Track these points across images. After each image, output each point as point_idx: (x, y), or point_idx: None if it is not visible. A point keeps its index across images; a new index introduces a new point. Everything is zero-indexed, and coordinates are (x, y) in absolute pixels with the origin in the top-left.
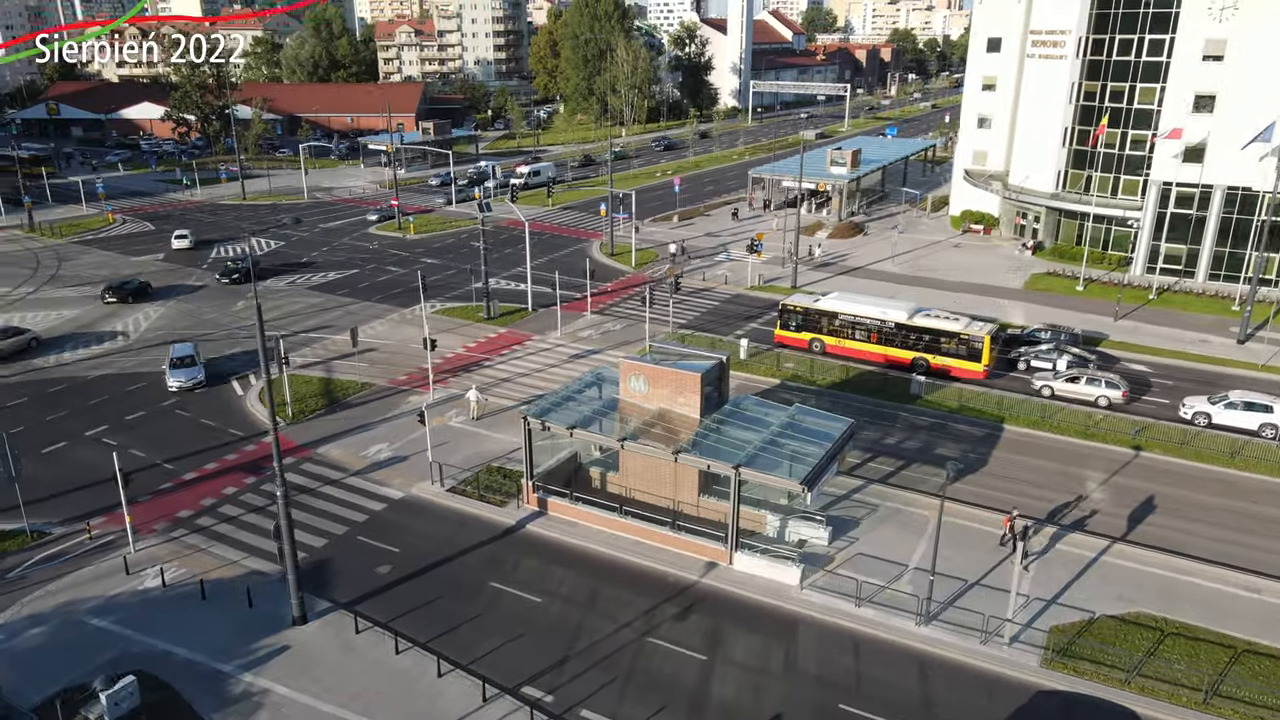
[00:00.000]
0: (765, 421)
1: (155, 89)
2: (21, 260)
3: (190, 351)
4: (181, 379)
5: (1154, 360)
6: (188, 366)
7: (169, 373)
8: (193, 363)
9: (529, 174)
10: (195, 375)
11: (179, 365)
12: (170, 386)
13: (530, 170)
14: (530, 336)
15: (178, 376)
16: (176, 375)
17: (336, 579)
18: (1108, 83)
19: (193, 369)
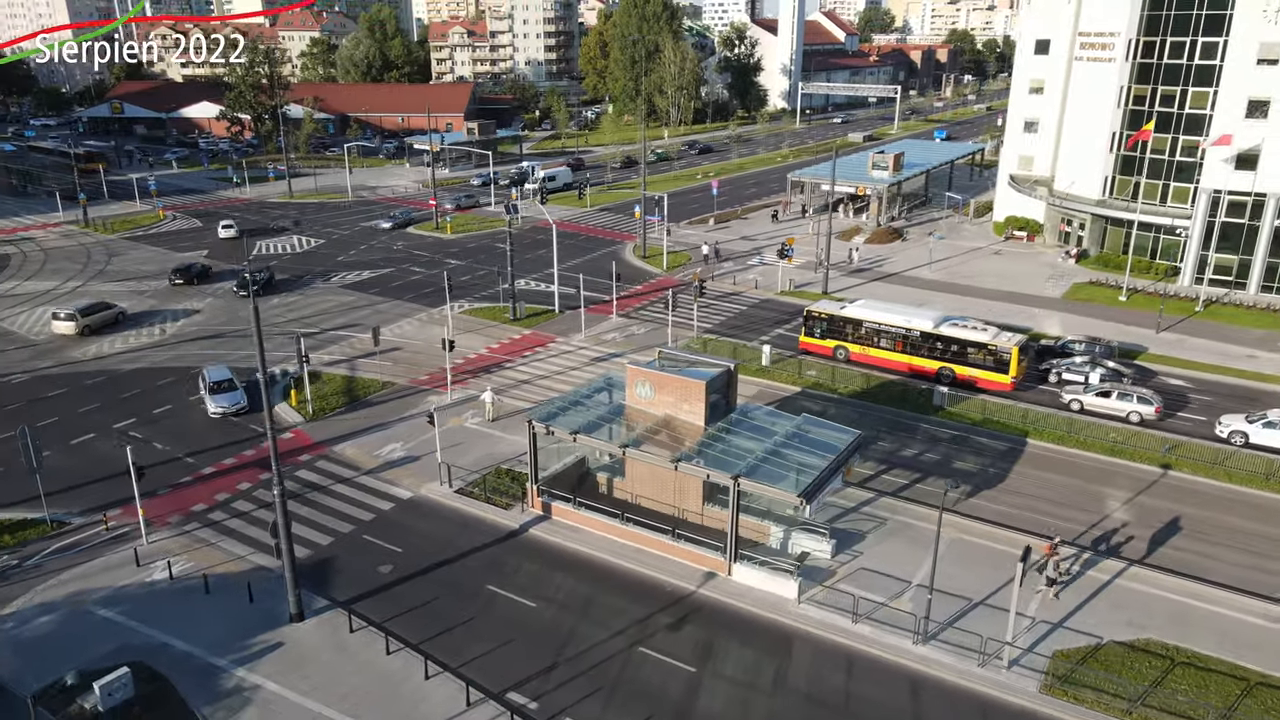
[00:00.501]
0: (770, 431)
1: (214, 89)
2: (74, 255)
3: (228, 374)
4: (224, 404)
5: (1194, 375)
6: (228, 391)
7: (209, 398)
8: (232, 386)
9: (544, 179)
10: (237, 400)
11: (219, 390)
12: (211, 412)
13: (546, 175)
14: (554, 338)
15: (220, 402)
16: (218, 401)
17: (338, 577)
18: (1158, 86)
19: (234, 394)
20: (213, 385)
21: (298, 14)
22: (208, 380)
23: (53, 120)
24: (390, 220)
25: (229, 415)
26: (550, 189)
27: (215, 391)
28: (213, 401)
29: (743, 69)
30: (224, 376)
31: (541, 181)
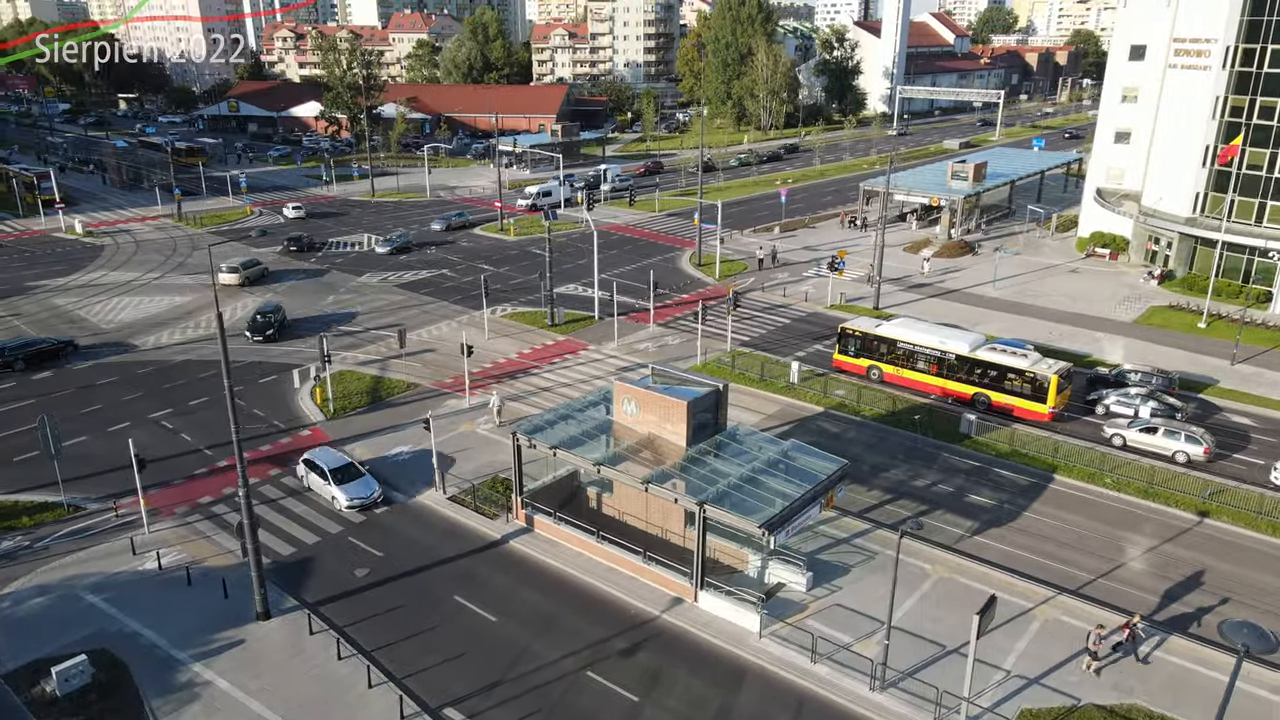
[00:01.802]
0: (752, 455)
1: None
2: (161, 247)
3: (343, 458)
4: (359, 495)
5: (1263, 413)
6: (356, 479)
7: (336, 491)
8: (356, 471)
9: (537, 194)
10: (371, 489)
11: (344, 479)
12: (345, 507)
13: (539, 191)
14: (586, 346)
15: (352, 494)
16: (350, 493)
17: (315, 577)
18: (1257, 97)
19: (363, 480)
20: (334, 475)
21: (408, 16)
22: (322, 468)
23: (178, 117)
24: (443, 221)
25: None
26: (544, 204)
27: (341, 481)
28: (343, 494)
29: (840, 72)
30: (340, 462)
31: (534, 197)
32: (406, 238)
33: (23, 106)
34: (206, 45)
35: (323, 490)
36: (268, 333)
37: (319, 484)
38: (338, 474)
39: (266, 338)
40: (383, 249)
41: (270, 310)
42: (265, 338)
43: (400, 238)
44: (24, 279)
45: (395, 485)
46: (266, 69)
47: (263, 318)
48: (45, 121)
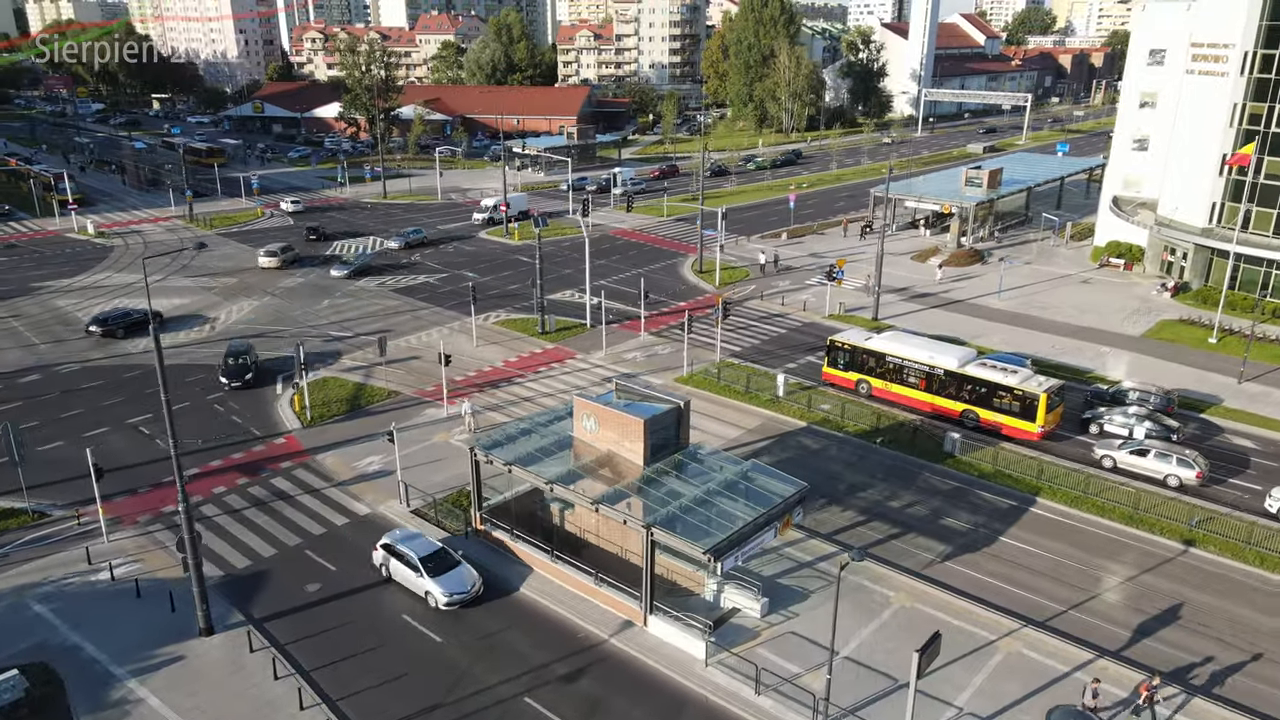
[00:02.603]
0: (709, 476)
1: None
2: (169, 249)
3: (435, 545)
4: (457, 590)
5: (1268, 435)
6: (452, 568)
7: (429, 585)
8: (452, 560)
9: (494, 207)
10: (471, 583)
11: (438, 569)
12: (444, 604)
13: (495, 203)
14: (575, 355)
15: (449, 588)
16: (446, 586)
17: (265, 592)
18: (1276, 104)
19: (461, 572)
20: (425, 564)
21: (434, 18)
22: (410, 557)
23: (207, 118)
24: (400, 239)
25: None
26: (501, 219)
27: (434, 572)
28: (440, 590)
29: (865, 74)
30: (430, 549)
31: (491, 210)
32: (367, 258)
33: (58, 106)
34: (237, 45)
35: (411, 583)
36: (246, 377)
37: (406, 575)
38: (430, 564)
39: (245, 383)
40: (339, 272)
41: (243, 351)
42: (244, 383)
43: (361, 258)
44: (30, 279)
45: (360, 497)
46: (296, 70)
47: (236, 360)
48: (78, 121)
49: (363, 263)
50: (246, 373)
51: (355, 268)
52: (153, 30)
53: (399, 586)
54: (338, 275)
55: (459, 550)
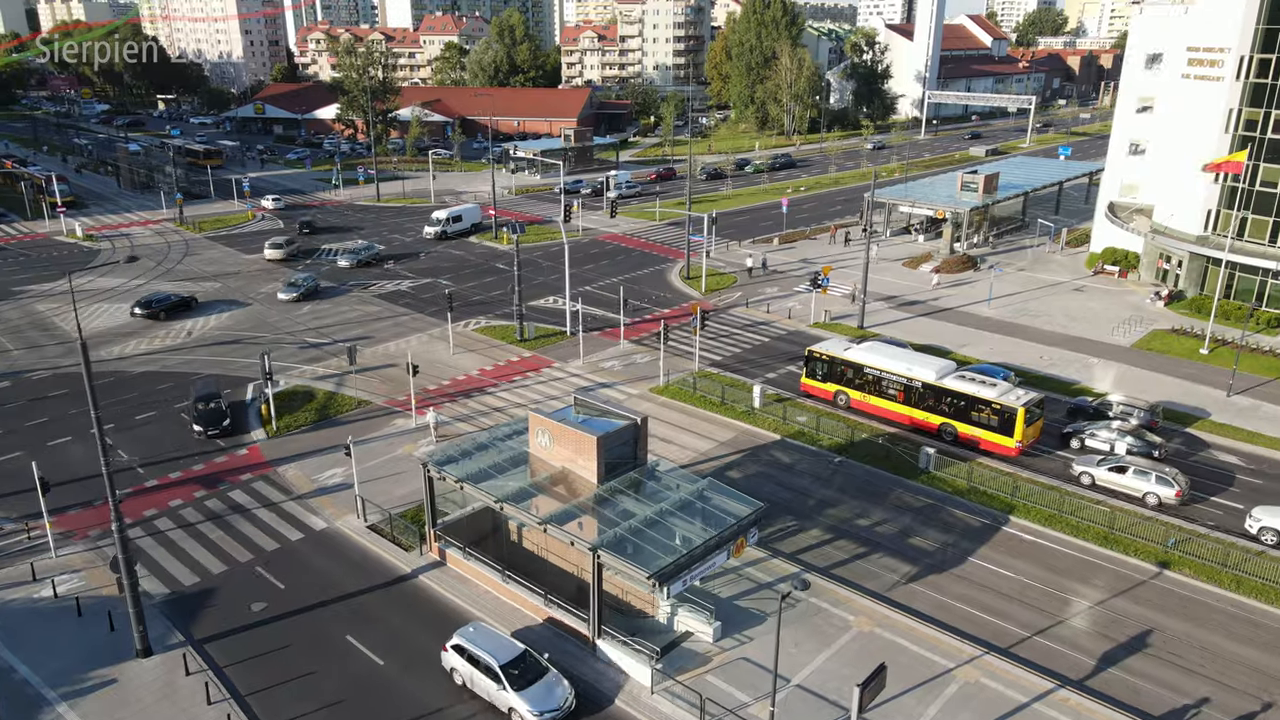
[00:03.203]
0: (664, 495)
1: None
2: (156, 252)
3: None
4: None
5: (1253, 451)
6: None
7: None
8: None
9: (447, 219)
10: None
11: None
12: None
13: (449, 216)
14: (551, 363)
15: (538, 706)
16: (535, 705)
17: (210, 611)
18: (1272, 110)
19: (550, 684)
20: (508, 673)
21: (438, 19)
22: (488, 663)
23: (210, 119)
24: (351, 257)
25: None
26: (454, 231)
27: (519, 683)
28: (528, 708)
29: (868, 76)
30: (512, 653)
31: (443, 224)
32: (313, 281)
33: (64, 107)
34: (243, 45)
35: (491, 695)
36: (223, 424)
37: (484, 686)
38: (514, 672)
39: (223, 430)
40: (286, 295)
41: (212, 395)
42: (221, 430)
43: (307, 280)
44: (12, 284)
45: (318, 511)
46: (301, 71)
47: (208, 405)
48: (82, 122)
49: (311, 284)
50: (223, 419)
51: (304, 290)
52: (160, 30)
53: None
54: (285, 299)
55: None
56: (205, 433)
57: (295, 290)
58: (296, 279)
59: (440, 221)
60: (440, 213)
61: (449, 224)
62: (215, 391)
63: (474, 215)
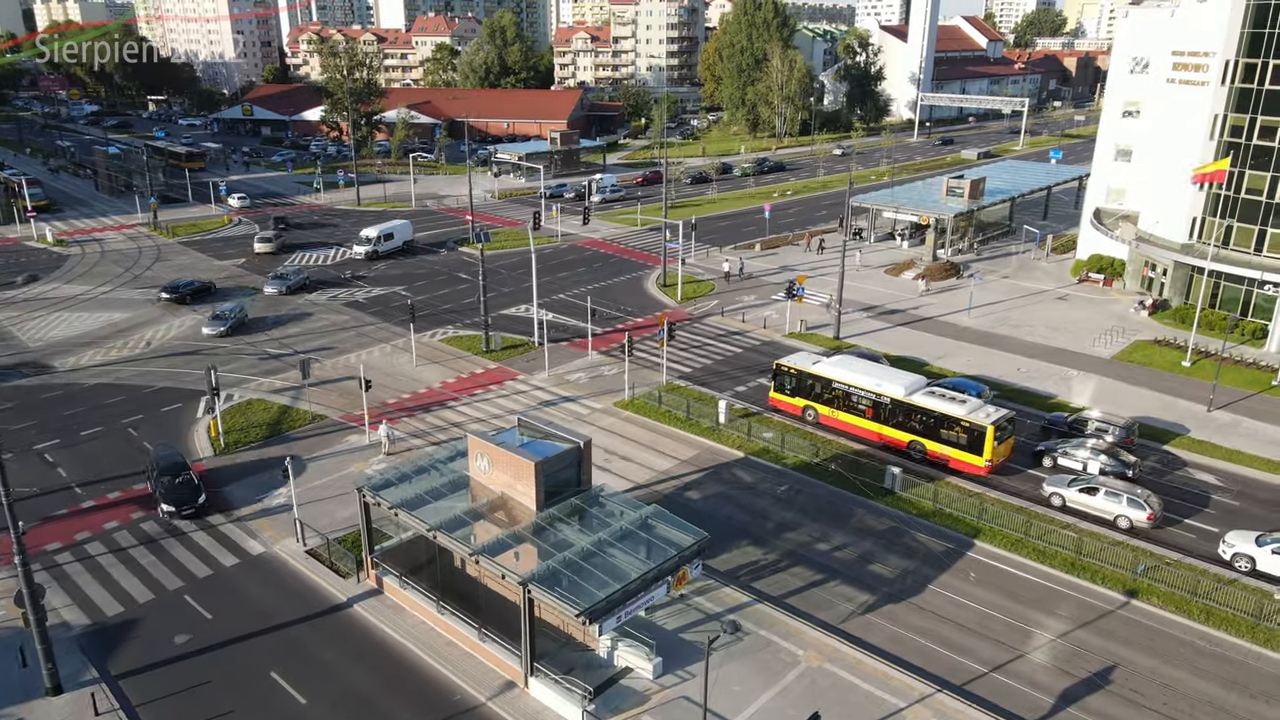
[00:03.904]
0: (606, 523)
1: None
2: (126, 258)
3: None
4: None
5: (1233, 470)
6: None
7: None
8: None
9: (379, 238)
10: None
11: None
12: None
13: (380, 234)
14: (516, 375)
15: None
16: None
17: (131, 643)
18: (1258, 116)
19: None
20: None
21: (431, 19)
22: None
23: (199, 120)
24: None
25: None
26: (386, 249)
27: None
28: None
29: (861, 78)
30: None
31: (374, 242)
32: (241, 312)
33: (53, 108)
34: (235, 46)
35: None
36: (198, 501)
37: None
38: None
39: (199, 509)
40: (210, 330)
41: (179, 466)
42: (197, 510)
43: (235, 312)
44: None
45: (256, 534)
46: (292, 72)
47: (176, 479)
48: (70, 124)
49: (238, 317)
50: (196, 494)
51: (230, 324)
52: (153, 31)
53: None
54: (210, 333)
55: None
56: (179, 512)
57: (220, 325)
58: (221, 310)
59: (371, 240)
60: (370, 230)
61: (380, 242)
62: (181, 460)
63: (406, 232)
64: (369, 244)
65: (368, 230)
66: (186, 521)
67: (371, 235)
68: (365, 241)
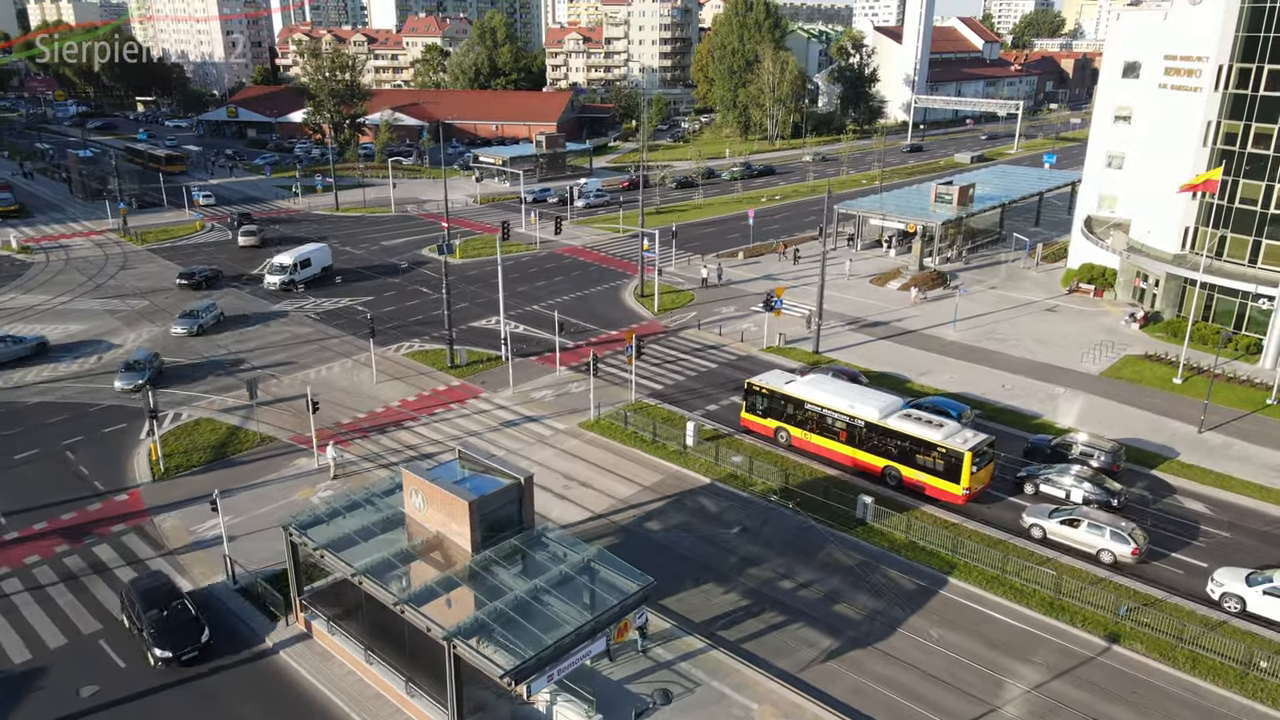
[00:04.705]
0: (546, 568)
1: None
2: (90, 266)
3: None
4: None
5: (1221, 497)
6: None
7: None
8: None
9: (294, 266)
10: None
11: None
12: None
13: (297, 260)
14: (480, 393)
15: None
16: None
17: (32, 697)
18: (1252, 123)
19: None
20: None
21: (422, 20)
22: None
23: (186, 122)
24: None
25: None
26: (304, 277)
27: None
28: None
29: (855, 79)
30: None
31: (289, 271)
32: (154, 361)
33: (40, 109)
34: (225, 47)
35: None
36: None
37: None
38: None
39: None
40: (124, 384)
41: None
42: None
43: (148, 359)
44: None
45: (187, 570)
46: (282, 72)
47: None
48: (55, 125)
49: (156, 366)
50: (199, 630)
51: (147, 377)
52: (145, 31)
53: None
54: (123, 387)
55: None
56: (178, 658)
57: (134, 378)
58: (135, 356)
59: (286, 269)
60: (284, 256)
61: (296, 270)
62: (172, 586)
63: (324, 257)
64: (284, 273)
65: (281, 257)
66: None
67: (286, 263)
68: (279, 270)
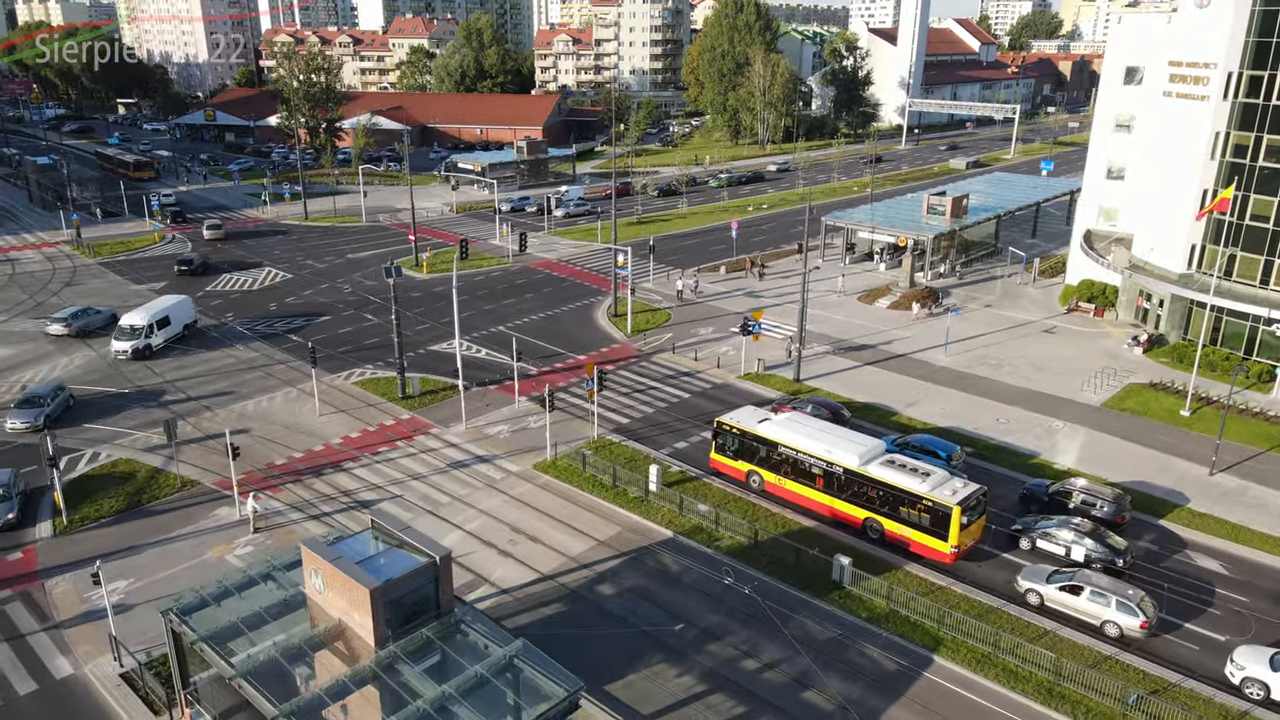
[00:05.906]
0: (461, 667)
1: None
2: (35, 281)
3: None
4: None
5: (1237, 553)
6: None
7: None
8: None
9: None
10: None
11: None
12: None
13: (152, 320)
14: (431, 427)
15: None
16: None
17: None
18: (1264, 134)
19: None
20: None
21: (408, 21)
22: None
23: (164, 125)
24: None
25: None
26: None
27: None
28: None
29: (849, 82)
30: None
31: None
32: (60, 396)
33: (17, 111)
34: (208, 47)
35: None
36: None
37: None
38: None
39: None
40: (20, 423)
41: None
42: None
43: (50, 393)
44: None
45: (71, 649)
46: (266, 75)
47: None
48: (31, 128)
49: (59, 402)
50: None
51: (47, 413)
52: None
53: None
54: (17, 427)
55: None
56: None
57: (31, 416)
58: (38, 389)
59: (138, 330)
60: (136, 317)
61: (151, 332)
62: None
63: (187, 312)
64: (135, 336)
65: (132, 317)
66: None
67: (139, 324)
68: (129, 334)
